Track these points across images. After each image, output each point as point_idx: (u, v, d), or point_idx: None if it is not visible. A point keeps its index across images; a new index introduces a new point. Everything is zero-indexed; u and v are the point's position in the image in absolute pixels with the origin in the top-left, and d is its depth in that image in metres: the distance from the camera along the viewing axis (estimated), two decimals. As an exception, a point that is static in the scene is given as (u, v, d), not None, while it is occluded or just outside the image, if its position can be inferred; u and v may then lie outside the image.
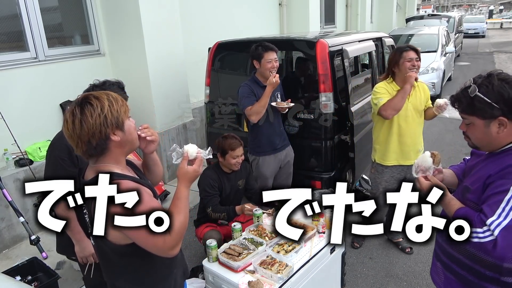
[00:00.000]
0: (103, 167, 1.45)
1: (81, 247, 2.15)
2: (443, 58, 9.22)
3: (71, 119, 1.36)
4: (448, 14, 16.68)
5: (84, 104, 1.37)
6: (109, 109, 1.38)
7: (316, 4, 9.04)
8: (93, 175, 1.44)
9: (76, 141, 1.38)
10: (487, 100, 1.43)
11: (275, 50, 3.23)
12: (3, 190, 3.45)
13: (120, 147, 1.46)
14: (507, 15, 43.57)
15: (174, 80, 5.18)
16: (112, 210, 1.33)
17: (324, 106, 3.55)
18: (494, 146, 1.53)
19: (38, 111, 4.21)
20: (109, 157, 1.45)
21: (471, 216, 1.45)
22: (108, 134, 1.39)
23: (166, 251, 1.40)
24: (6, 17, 4.02)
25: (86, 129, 1.35)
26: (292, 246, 2.30)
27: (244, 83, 3.36)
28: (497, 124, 1.46)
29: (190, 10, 5.99)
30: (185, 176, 1.53)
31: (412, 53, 3.17)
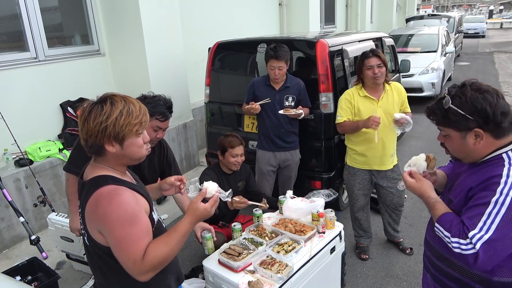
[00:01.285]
0: (99, 169, 1.45)
1: (71, 219, 2.52)
2: (443, 58, 9.22)
3: (82, 113, 1.40)
4: (448, 14, 16.68)
5: (97, 104, 1.39)
6: (115, 121, 1.37)
7: (316, 4, 9.04)
8: (91, 175, 1.45)
9: (80, 132, 1.43)
10: (460, 112, 1.40)
11: (281, 59, 3.20)
12: (3, 190, 3.45)
13: (115, 158, 1.45)
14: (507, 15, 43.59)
15: (174, 80, 5.18)
16: None
17: (324, 106, 3.55)
18: (474, 158, 1.50)
19: (38, 111, 4.21)
20: (106, 160, 1.46)
21: (456, 225, 1.43)
22: (103, 143, 1.39)
23: (133, 273, 1.37)
24: (6, 17, 4.02)
25: (85, 129, 1.38)
26: (292, 246, 2.29)
27: (254, 79, 3.56)
28: (473, 136, 1.43)
29: (190, 10, 5.99)
30: (194, 212, 1.50)
31: (373, 59, 2.97)
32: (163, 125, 2.28)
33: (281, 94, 3.34)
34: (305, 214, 2.57)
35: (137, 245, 1.37)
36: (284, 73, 3.31)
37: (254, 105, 3.27)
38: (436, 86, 8.46)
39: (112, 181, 1.41)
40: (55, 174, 4.10)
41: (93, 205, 1.39)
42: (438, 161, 1.78)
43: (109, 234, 1.37)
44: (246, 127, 4.03)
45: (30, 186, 3.85)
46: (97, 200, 1.38)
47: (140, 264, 1.36)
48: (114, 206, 1.35)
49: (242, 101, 3.60)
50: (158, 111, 2.21)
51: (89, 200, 1.40)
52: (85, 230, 1.49)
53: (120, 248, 1.37)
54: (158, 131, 2.27)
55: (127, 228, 1.36)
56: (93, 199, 1.39)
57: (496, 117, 1.37)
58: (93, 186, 1.41)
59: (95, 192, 1.38)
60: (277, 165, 3.53)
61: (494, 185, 1.38)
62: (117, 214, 1.35)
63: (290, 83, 3.38)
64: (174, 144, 5.21)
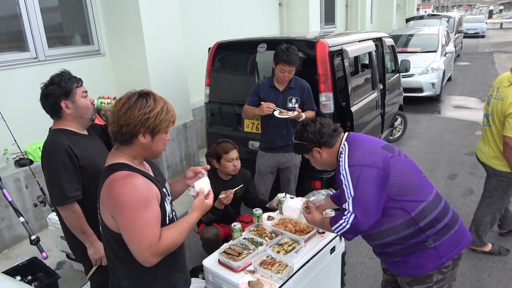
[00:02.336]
0: (119, 157, 1.52)
1: (96, 249, 2.13)
2: (443, 58, 9.22)
3: (123, 101, 1.47)
4: (448, 14, 16.67)
5: (142, 97, 1.48)
6: (156, 115, 1.46)
7: (316, 4, 9.04)
8: (109, 162, 1.53)
9: (115, 119, 1.47)
10: (299, 142, 2.08)
11: (293, 64, 3.17)
12: (3, 190, 3.45)
13: (142, 149, 1.53)
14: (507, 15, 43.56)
15: (174, 80, 5.18)
16: None
17: (324, 106, 3.55)
18: (330, 165, 2.08)
19: (38, 111, 4.16)
20: (129, 150, 1.53)
21: (338, 216, 1.89)
22: (138, 133, 1.47)
23: (146, 256, 1.41)
24: (6, 17, 4.02)
25: (127, 116, 1.44)
26: (292, 246, 2.30)
27: (259, 81, 3.54)
28: (317, 152, 2.03)
29: (191, 10, 5.99)
30: (202, 207, 1.66)
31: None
32: (84, 88, 2.27)
33: (285, 96, 3.33)
34: (305, 214, 2.57)
35: (153, 228, 1.43)
36: (292, 76, 3.29)
37: (271, 105, 3.19)
38: (436, 86, 8.47)
39: (127, 168, 1.48)
40: (55, 174, 4.10)
41: (107, 189, 1.45)
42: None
43: (121, 217, 1.41)
44: (246, 127, 4.03)
45: (30, 186, 3.85)
46: (111, 183, 1.44)
47: (155, 247, 1.41)
48: (127, 189, 1.41)
49: (242, 101, 3.58)
50: (72, 81, 2.21)
51: (104, 185, 1.47)
52: (100, 218, 1.55)
53: (134, 231, 1.40)
54: (87, 96, 2.25)
55: (140, 211, 1.40)
56: (107, 183, 1.45)
57: (317, 137, 2.00)
58: (108, 171, 1.48)
59: (110, 177, 1.45)
60: (275, 166, 3.53)
61: (338, 168, 1.92)
62: (130, 197, 1.40)
63: (294, 85, 3.35)
64: (174, 144, 5.21)
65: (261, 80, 3.61)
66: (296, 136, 2.10)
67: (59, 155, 2.01)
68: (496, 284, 3.04)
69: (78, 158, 2.05)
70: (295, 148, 2.15)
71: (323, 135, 2.01)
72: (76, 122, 2.16)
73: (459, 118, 7.72)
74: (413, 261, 1.91)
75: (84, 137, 2.18)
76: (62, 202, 2.02)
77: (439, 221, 1.88)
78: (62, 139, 2.07)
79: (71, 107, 2.12)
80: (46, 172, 2.08)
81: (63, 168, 2.01)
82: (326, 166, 2.10)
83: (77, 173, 2.04)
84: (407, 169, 1.89)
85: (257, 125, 3.91)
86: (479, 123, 7.28)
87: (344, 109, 3.70)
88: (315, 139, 2.02)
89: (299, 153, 2.23)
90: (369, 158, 1.86)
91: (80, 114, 2.14)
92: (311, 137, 2.03)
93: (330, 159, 2.04)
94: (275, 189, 3.62)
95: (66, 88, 2.11)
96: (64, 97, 2.12)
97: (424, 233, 1.86)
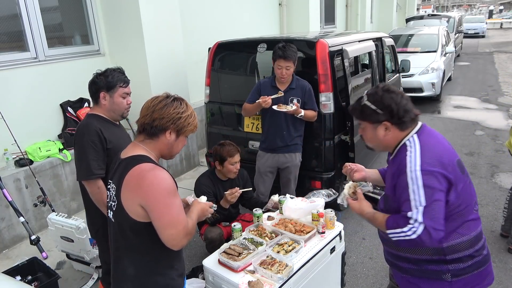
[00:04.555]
0: (142, 150, 1.64)
1: None
2: (443, 58, 9.22)
3: (161, 99, 1.65)
4: (448, 14, 16.67)
5: (177, 99, 1.68)
6: (187, 117, 1.67)
7: (316, 4, 9.03)
8: (131, 152, 1.63)
9: (148, 112, 1.62)
10: (372, 107, 1.72)
11: (289, 59, 3.17)
12: (3, 190, 3.45)
13: (164, 146, 1.67)
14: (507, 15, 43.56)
15: (174, 80, 5.18)
16: None
17: (324, 106, 3.55)
18: (385, 147, 1.81)
19: (38, 111, 4.21)
20: (153, 144, 1.65)
21: (400, 218, 1.64)
22: (167, 129, 1.63)
23: (181, 237, 1.55)
24: (6, 17, 4.02)
25: (162, 112, 1.61)
26: (292, 246, 2.29)
27: (261, 80, 3.55)
28: (383, 128, 1.73)
29: (190, 10, 5.99)
30: (198, 205, 1.81)
31: None
32: (128, 90, 2.44)
33: (286, 96, 3.32)
34: (305, 214, 2.57)
35: (183, 213, 1.59)
36: (291, 73, 3.28)
37: (267, 98, 3.19)
38: (436, 86, 8.47)
39: (150, 161, 1.60)
40: (55, 174, 4.10)
41: (137, 179, 1.53)
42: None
43: (156, 204, 1.51)
44: (246, 127, 4.03)
45: (30, 186, 3.85)
46: (141, 173, 1.53)
47: (187, 229, 1.57)
48: (160, 179, 1.53)
49: (242, 101, 3.57)
50: (119, 79, 2.37)
51: (129, 173, 1.54)
52: (116, 205, 1.60)
53: (171, 216, 1.53)
54: (126, 97, 2.43)
55: (172, 199, 1.55)
56: (136, 173, 1.53)
57: (399, 112, 1.68)
58: (134, 161, 1.57)
59: (137, 166, 1.54)
60: (275, 167, 3.53)
61: (403, 167, 1.65)
62: (163, 186, 1.53)
63: (296, 85, 3.35)
64: (174, 144, 5.21)
65: (262, 79, 3.62)
66: (372, 98, 1.73)
67: (91, 135, 2.27)
68: (496, 284, 3.04)
69: (106, 141, 2.30)
70: (361, 110, 1.76)
71: (406, 112, 1.69)
72: (109, 113, 2.41)
73: (459, 118, 7.72)
74: (424, 287, 1.79)
75: (114, 125, 2.45)
76: (88, 177, 2.27)
77: (469, 259, 1.72)
78: (95, 122, 2.32)
79: (108, 99, 2.36)
80: (77, 148, 2.34)
81: (92, 147, 2.26)
82: (380, 147, 1.82)
83: (104, 154, 2.30)
84: (465, 196, 1.70)
85: (257, 125, 3.91)
86: (479, 123, 7.29)
87: (344, 109, 3.70)
88: (395, 113, 1.68)
89: (359, 118, 1.81)
90: (446, 169, 1.61)
91: (112, 108, 2.39)
92: (392, 108, 1.68)
93: (391, 142, 1.76)
94: (275, 189, 3.62)
95: (110, 83, 2.35)
96: (106, 89, 2.35)
97: (446, 265, 1.71)
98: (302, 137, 3.50)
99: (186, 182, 5.12)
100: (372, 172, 2.16)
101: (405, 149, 1.69)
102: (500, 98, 9.08)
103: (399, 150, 1.74)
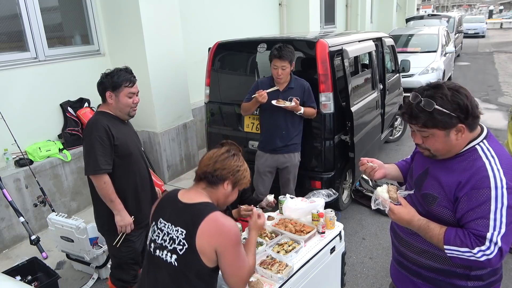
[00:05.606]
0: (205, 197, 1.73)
1: (122, 216, 2.44)
2: (443, 58, 9.22)
3: (223, 151, 1.79)
4: (448, 14, 16.66)
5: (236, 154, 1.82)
6: (243, 171, 1.80)
7: (316, 4, 9.03)
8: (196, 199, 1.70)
9: (211, 162, 1.75)
10: (445, 111, 1.44)
11: (285, 59, 3.18)
12: (3, 190, 3.45)
13: (222, 195, 1.78)
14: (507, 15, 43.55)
15: (174, 80, 5.18)
16: None
17: (324, 106, 3.55)
18: (452, 153, 1.55)
19: (38, 111, 4.21)
20: (213, 193, 1.76)
21: (466, 236, 1.45)
22: (226, 179, 1.75)
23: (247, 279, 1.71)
24: (6, 17, 4.02)
25: (224, 163, 1.75)
26: (292, 246, 2.29)
27: (259, 79, 3.57)
28: (455, 132, 1.48)
29: (190, 10, 5.99)
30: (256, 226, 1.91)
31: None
32: (134, 89, 2.51)
33: (285, 95, 3.32)
34: (305, 214, 2.57)
35: (246, 258, 1.71)
36: (287, 73, 3.28)
37: (262, 92, 3.20)
38: (436, 86, 8.45)
39: (218, 209, 1.70)
40: (55, 174, 4.10)
41: (215, 225, 1.61)
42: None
43: (230, 250, 1.62)
44: (246, 127, 4.03)
45: (30, 186, 3.85)
46: (219, 220, 1.63)
47: (250, 272, 1.72)
48: (233, 227, 1.65)
49: (242, 101, 3.57)
50: (125, 79, 2.44)
51: (206, 220, 1.61)
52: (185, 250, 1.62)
53: (242, 260, 1.66)
54: (132, 97, 2.50)
55: (241, 246, 1.69)
56: (213, 220, 1.62)
57: (474, 111, 1.46)
58: (208, 208, 1.66)
59: (213, 214, 1.63)
60: (274, 166, 3.53)
61: (484, 181, 1.43)
62: (237, 234, 1.65)
63: (294, 84, 3.35)
64: (174, 144, 5.21)
65: (260, 79, 3.62)
66: (440, 100, 1.45)
67: (99, 131, 2.35)
68: (496, 284, 3.03)
69: (114, 137, 2.38)
70: (431, 117, 1.47)
71: (477, 109, 1.48)
72: (116, 111, 2.49)
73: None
74: None
75: (122, 122, 2.54)
76: (95, 172, 2.35)
77: (489, 277, 1.62)
78: (103, 119, 2.41)
79: (113, 99, 2.44)
80: (85, 144, 2.40)
81: (100, 143, 2.34)
82: (447, 152, 1.55)
83: (111, 149, 2.38)
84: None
85: (257, 125, 3.91)
86: (479, 123, 7.28)
87: (344, 109, 3.70)
88: (470, 113, 1.45)
89: (426, 126, 1.50)
90: None
91: (119, 107, 2.47)
92: (468, 108, 1.44)
93: (461, 146, 1.53)
94: (274, 189, 3.62)
95: (116, 83, 2.42)
96: (111, 89, 2.42)
97: (467, 281, 1.61)
98: (301, 136, 3.50)
99: (186, 182, 5.12)
100: (392, 168, 1.98)
101: (477, 155, 1.49)
102: (500, 98, 9.07)
103: (466, 154, 1.53)
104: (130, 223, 2.48)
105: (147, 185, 2.66)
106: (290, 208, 2.62)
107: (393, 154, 5.86)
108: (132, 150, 2.52)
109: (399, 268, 1.87)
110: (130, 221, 2.47)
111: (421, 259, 1.69)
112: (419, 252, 1.70)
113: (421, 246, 1.68)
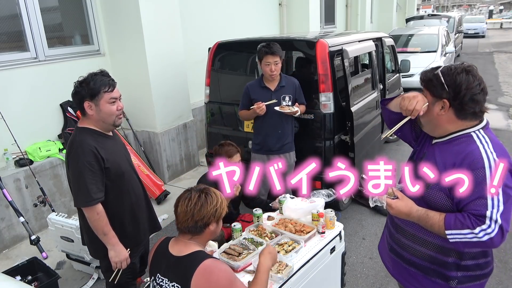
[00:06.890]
0: (194, 245, 1.71)
1: (116, 252, 2.18)
2: (443, 58, 9.22)
3: (195, 200, 1.67)
4: (448, 14, 16.66)
5: (207, 194, 1.71)
6: (220, 205, 1.72)
7: (316, 4, 9.04)
8: (186, 251, 1.68)
9: (188, 217, 1.66)
10: (441, 80, 1.54)
11: (276, 54, 3.20)
12: (3, 190, 3.45)
13: (210, 235, 1.76)
14: (507, 15, 43.54)
15: (174, 80, 5.18)
16: None
17: (324, 106, 3.55)
18: (435, 127, 1.64)
19: (38, 111, 4.21)
20: (200, 238, 1.74)
21: (466, 217, 1.48)
22: (210, 223, 1.70)
23: None
24: (6, 17, 4.02)
25: (201, 213, 1.66)
26: (292, 246, 2.29)
27: (248, 83, 3.48)
28: (440, 105, 1.56)
29: (190, 10, 5.99)
30: (270, 254, 1.85)
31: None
32: (115, 93, 2.17)
33: (278, 94, 3.33)
34: (305, 214, 2.57)
35: None
36: (279, 68, 3.29)
37: (261, 104, 3.20)
38: (436, 86, 8.45)
39: (207, 256, 1.69)
40: (55, 174, 4.10)
41: (205, 277, 1.60)
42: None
43: None
44: (246, 127, 4.03)
45: (30, 186, 3.85)
46: (207, 271, 1.61)
47: None
48: (223, 272, 1.63)
49: (242, 101, 3.58)
50: (102, 84, 2.11)
51: (197, 272, 1.60)
52: None
53: None
54: (115, 103, 2.16)
55: (236, 282, 1.66)
56: (202, 271, 1.60)
57: (465, 98, 1.51)
58: (197, 258, 1.64)
59: (201, 264, 1.62)
60: None
61: (478, 161, 1.48)
62: (228, 277, 1.63)
63: (285, 82, 3.36)
64: (174, 144, 5.21)
65: (249, 82, 3.55)
66: (446, 71, 1.56)
67: (87, 156, 2.06)
68: (496, 284, 3.04)
69: (104, 160, 2.10)
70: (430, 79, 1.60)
71: (473, 102, 1.52)
72: (99, 124, 2.17)
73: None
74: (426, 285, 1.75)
75: (108, 138, 2.23)
76: (87, 203, 2.06)
77: (479, 269, 1.67)
78: (89, 140, 2.10)
79: (94, 109, 2.12)
80: (72, 172, 2.11)
81: (89, 170, 2.05)
82: (431, 125, 1.65)
83: (102, 174, 2.11)
84: None
85: (252, 127, 3.90)
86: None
87: (344, 109, 3.70)
88: (460, 96, 1.51)
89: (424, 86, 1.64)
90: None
91: (101, 118, 2.15)
92: (460, 90, 1.51)
93: (444, 125, 1.61)
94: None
95: (93, 90, 2.09)
96: (89, 98, 2.10)
97: (456, 271, 1.66)
98: (293, 134, 3.51)
99: (186, 182, 5.12)
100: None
101: (472, 140, 1.54)
102: (500, 98, 9.07)
103: (461, 139, 1.58)
104: (126, 257, 2.21)
105: (141, 200, 2.40)
106: (290, 208, 2.62)
107: (393, 154, 5.86)
108: (124, 169, 2.25)
109: (394, 257, 1.91)
110: (126, 256, 2.21)
111: (416, 246, 1.74)
112: (414, 239, 1.74)
113: (415, 233, 1.72)
